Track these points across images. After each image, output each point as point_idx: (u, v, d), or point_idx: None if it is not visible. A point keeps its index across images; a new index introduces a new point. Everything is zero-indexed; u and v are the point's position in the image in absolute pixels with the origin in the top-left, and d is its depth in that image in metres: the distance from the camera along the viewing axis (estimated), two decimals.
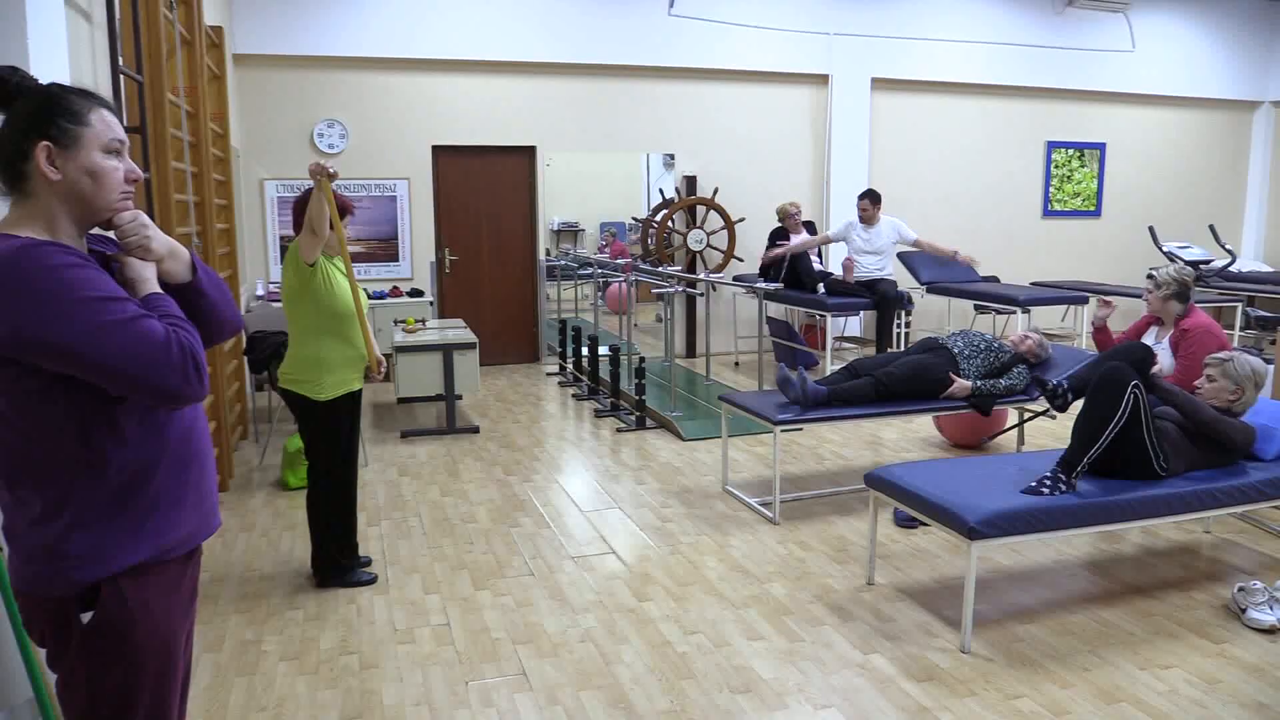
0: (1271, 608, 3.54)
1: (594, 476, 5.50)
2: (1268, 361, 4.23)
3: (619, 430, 6.55)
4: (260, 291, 7.83)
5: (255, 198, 8.10)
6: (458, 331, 6.79)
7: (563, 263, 9.63)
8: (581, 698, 3.05)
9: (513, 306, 9.14)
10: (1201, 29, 10.97)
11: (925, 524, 4.08)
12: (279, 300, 5.70)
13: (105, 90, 3.84)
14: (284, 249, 8.11)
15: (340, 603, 3.78)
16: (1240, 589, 3.65)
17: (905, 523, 4.59)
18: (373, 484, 5.36)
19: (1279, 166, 11.51)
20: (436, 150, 8.58)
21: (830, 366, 7.56)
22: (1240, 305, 9.14)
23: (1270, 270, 10.35)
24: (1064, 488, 3.47)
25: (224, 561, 4.22)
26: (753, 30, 9.14)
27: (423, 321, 7.11)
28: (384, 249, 8.56)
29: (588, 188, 9.84)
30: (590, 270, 8.99)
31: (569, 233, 9.96)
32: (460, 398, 6.99)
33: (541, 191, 8.98)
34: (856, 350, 9.32)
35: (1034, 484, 3.48)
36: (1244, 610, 3.58)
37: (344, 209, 3.78)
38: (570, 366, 8.31)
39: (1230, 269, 9.65)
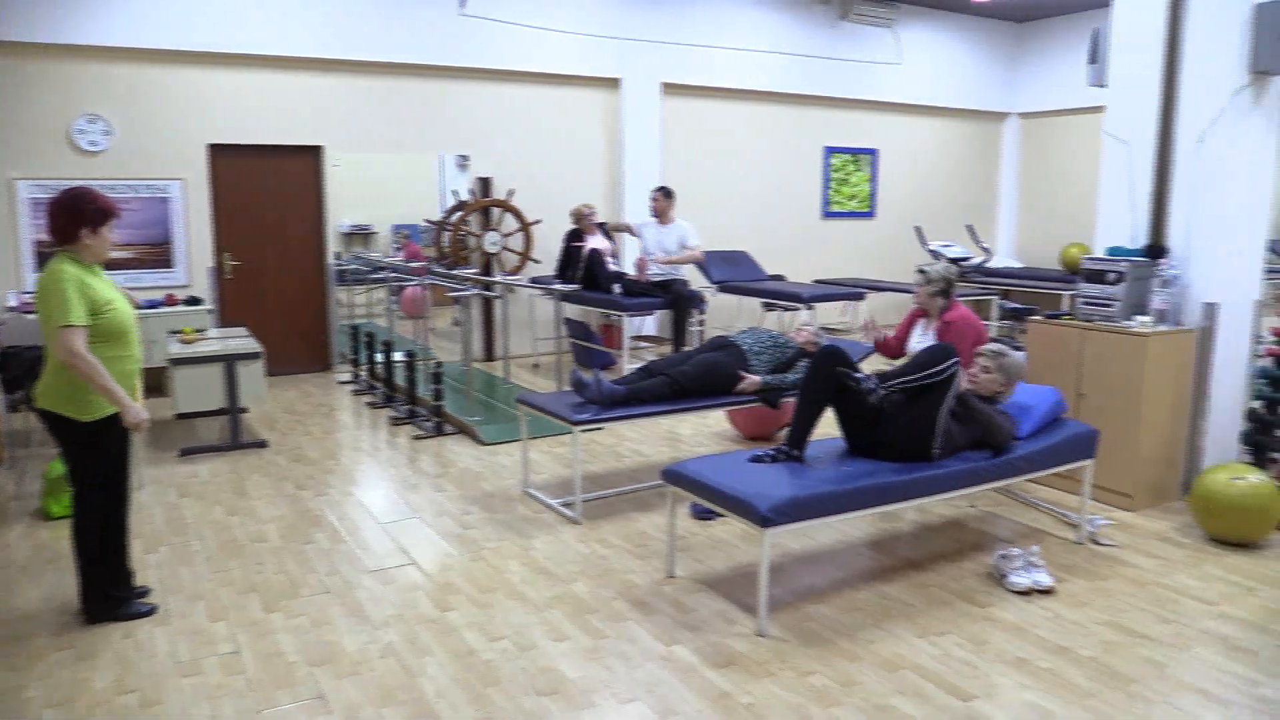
0: (1028, 571, 3.91)
1: (392, 486, 5.36)
2: (1020, 349, 4.67)
3: (416, 438, 6.41)
4: (13, 303, 7.13)
5: (4, 199, 7.37)
6: (240, 340, 6.44)
7: (353, 266, 9.31)
8: (385, 715, 2.96)
9: (301, 313, 8.75)
10: (958, 46, 11.93)
11: (722, 515, 4.23)
12: (34, 312, 5.22)
13: None
14: (41, 256, 7.43)
15: (115, 638, 3.51)
16: (1001, 556, 4.01)
17: (703, 515, 4.73)
18: (149, 507, 4.99)
19: (1025, 172, 12.69)
20: (214, 149, 8.09)
21: (628, 366, 7.69)
22: (995, 299, 10.01)
23: (1021, 266, 11.40)
24: (784, 459, 3.90)
25: None
26: (545, 32, 9.16)
27: (201, 331, 6.70)
28: (155, 254, 7.98)
29: (379, 189, 9.55)
30: (383, 274, 8.74)
31: (360, 235, 9.65)
32: (246, 411, 6.63)
33: (329, 193, 8.65)
34: (653, 350, 9.52)
35: (760, 454, 3.93)
36: (1004, 576, 3.94)
37: (108, 211, 3.50)
38: (364, 374, 8.04)
39: (986, 265, 10.55)
